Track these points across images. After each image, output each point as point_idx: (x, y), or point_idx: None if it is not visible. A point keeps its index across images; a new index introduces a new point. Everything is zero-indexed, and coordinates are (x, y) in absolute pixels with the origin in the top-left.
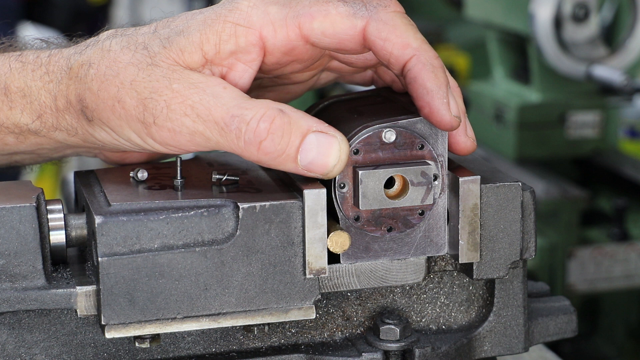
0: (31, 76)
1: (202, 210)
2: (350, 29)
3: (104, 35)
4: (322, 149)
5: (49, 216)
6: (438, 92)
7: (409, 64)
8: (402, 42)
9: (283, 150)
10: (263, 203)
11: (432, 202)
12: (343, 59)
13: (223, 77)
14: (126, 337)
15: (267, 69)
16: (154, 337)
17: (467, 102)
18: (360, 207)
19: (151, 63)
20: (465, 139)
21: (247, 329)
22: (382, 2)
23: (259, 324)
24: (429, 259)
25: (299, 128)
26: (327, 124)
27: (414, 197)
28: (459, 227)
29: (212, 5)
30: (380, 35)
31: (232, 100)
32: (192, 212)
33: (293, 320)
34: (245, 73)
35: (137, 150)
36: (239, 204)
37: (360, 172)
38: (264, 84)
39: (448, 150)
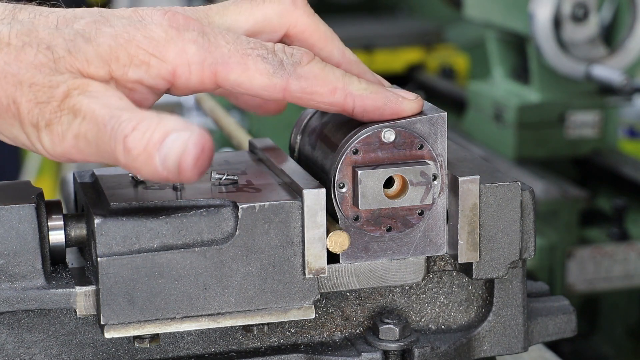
0: None
1: (202, 210)
2: (269, 87)
3: None
4: (174, 141)
5: (48, 216)
6: (389, 100)
7: (348, 105)
8: (328, 89)
9: (144, 146)
10: (262, 203)
11: (431, 202)
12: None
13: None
14: (125, 337)
15: (173, 94)
16: (153, 337)
17: (466, 102)
18: (359, 207)
19: (54, 69)
20: (408, 104)
21: (247, 328)
22: (295, 58)
23: (259, 324)
24: (428, 258)
25: (164, 127)
26: (196, 126)
27: (413, 197)
28: (458, 226)
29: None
30: (305, 91)
31: (120, 107)
32: (191, 212)
33: (292, 320)
34: (149, 96)
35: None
36: (238, 203)
37: (359, 172)
38: None
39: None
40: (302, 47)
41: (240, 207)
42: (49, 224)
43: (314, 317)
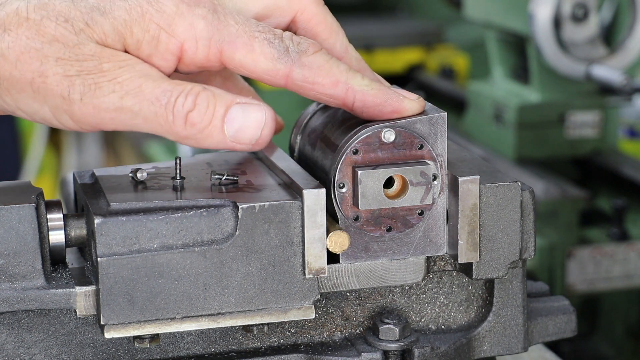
0: None
1: (202, 210)
2: (272, 71)
3: None
4: (247, 115)
5: (48, 216)
6: (390, 98)
7: (348, 99)
8: (330, 81)
9: (209, 120)
10: (262, 203)
11: (431, 202)
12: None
13: None
14: (125, 337)
15: (181, 70)
16: (153, 337)
17: (466, 102)
18: (359, 207)
19: (77, 42)
20: (409, 103)
21: (247, 329)
22: (302, 47)
23: (258, 324)
24: (428, 258)
25: (223, 99)
26: (250, 98)
27: (413, 197)
28: (458, 227)
29: None
30: (307, 80)
31: (160, 77)
32: (191, 212)
33: (292, 320)
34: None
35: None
36: (238, 203)
37: (359, 172)
38: None
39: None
40: (307, 35)
41: (240, 207)
42: (49, 224)
43: (314, 317)
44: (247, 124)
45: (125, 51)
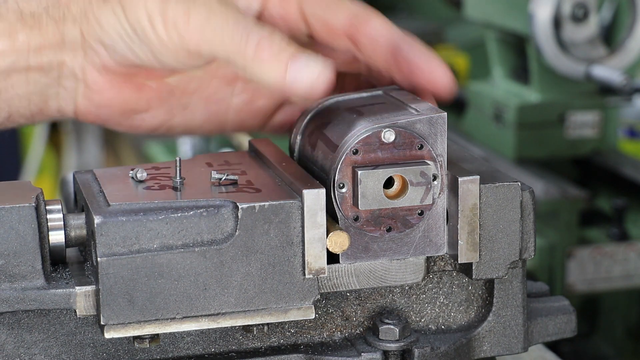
0: None
1: (201, 210)
2: None
3: None
4: (310, 63)
5: (48, 216)
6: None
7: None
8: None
9: (277, 54)
10: (262, 203)
11: (431, 202)
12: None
13: None
14: (125, 337)
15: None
16: (153, 337)
17: (466, 102)
18: (359, 207)
19: None
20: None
21: (247, 329)
22: None
23: (258, 324)
24: (428, 259)
25: (294, 45)
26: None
27: (413, 197)
28: (458, 227)
29: None
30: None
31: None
32: (191, 212)
33: (292, 320)
34: None
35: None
36: (238, 204)
37: (359, 172)
38: None
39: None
40: None
41: (240, 207)
42: (49, 224)
43: (314, 317)
44: (309, 70)
45: None
